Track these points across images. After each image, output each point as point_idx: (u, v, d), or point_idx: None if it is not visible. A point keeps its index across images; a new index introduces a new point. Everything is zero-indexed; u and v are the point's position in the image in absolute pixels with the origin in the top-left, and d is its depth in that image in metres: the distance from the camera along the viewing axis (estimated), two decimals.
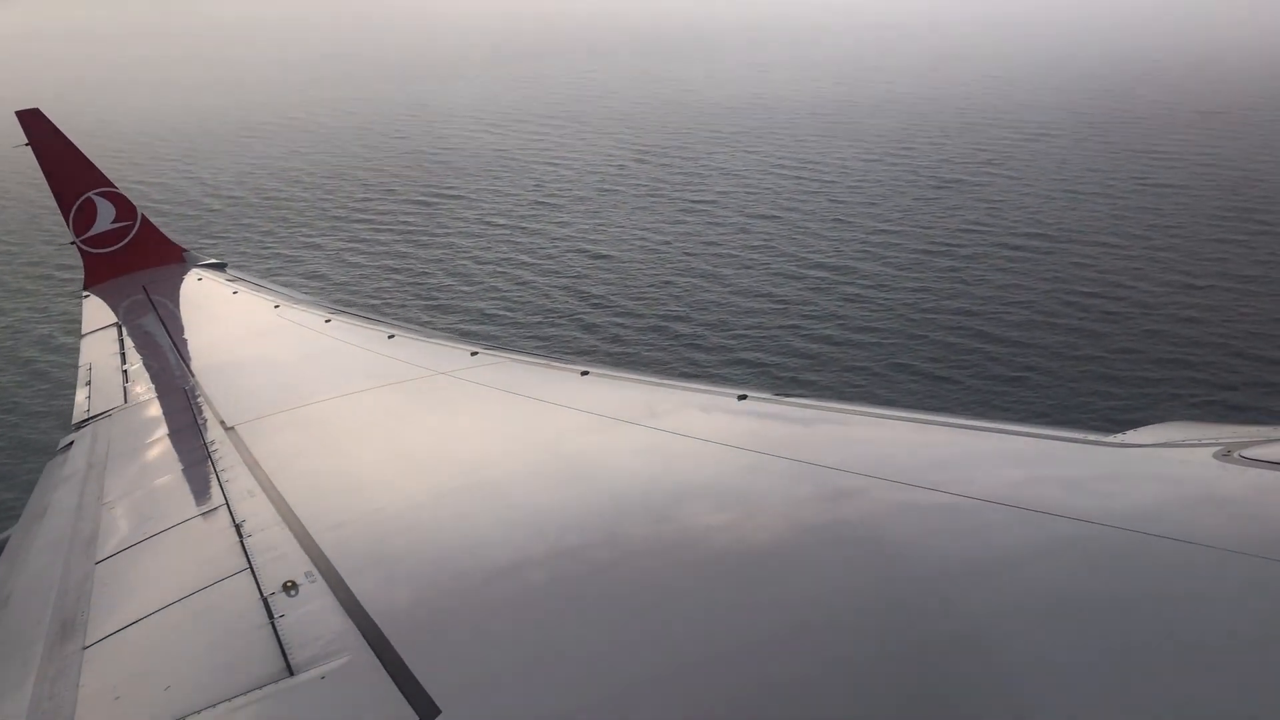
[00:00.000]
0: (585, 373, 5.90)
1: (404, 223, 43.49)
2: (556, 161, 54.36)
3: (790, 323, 30.08)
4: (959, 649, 2.37)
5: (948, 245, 36.51)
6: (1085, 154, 49.95)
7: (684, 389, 5.70)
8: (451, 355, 7.10)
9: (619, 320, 31.12)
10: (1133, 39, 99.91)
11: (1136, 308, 30.02)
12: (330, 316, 9.15)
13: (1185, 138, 52.67)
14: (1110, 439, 3.39)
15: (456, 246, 39.65)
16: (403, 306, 33.23)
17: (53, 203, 13.19)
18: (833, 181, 46.64)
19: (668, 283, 34.26)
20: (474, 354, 6.89)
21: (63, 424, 8.62)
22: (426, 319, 31.83)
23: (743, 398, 4.84)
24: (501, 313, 32.26)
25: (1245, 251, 34.57)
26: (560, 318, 31.63)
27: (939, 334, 28.60)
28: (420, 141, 61.73)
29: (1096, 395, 24.66)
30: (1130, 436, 3.38)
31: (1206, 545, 2.49)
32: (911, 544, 3.03)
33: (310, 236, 42.12)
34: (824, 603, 2.76)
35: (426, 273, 36.77)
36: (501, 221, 43.01)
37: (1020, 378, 25.78)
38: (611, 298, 33.05)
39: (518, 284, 35.00)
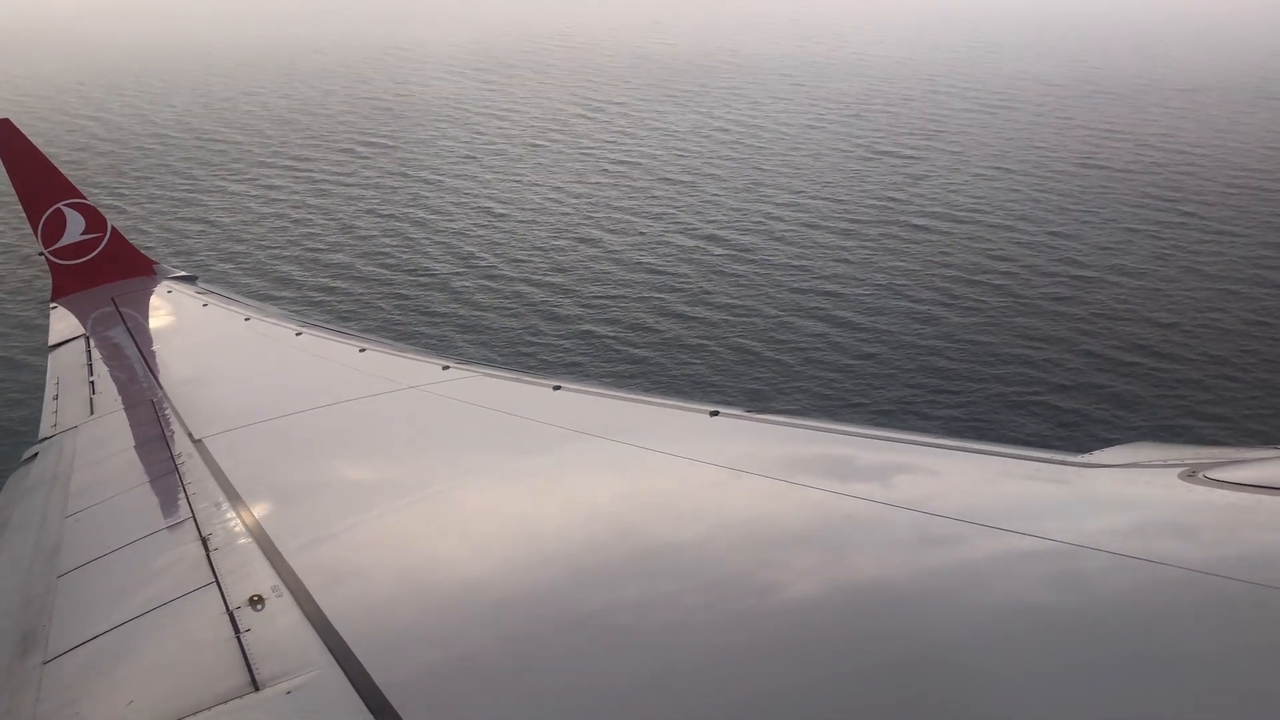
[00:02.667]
0: (557, 387, 5.95)
1: (321, 170, 43.12)
2: (500, 113, 53.61)
3: (649, 294, 29.42)
4: (925, 667, 2.40)
5: (847, 222, 35.49)
6: (1036, 129, 48.32)
7: (655, 404, 5.80)
8: (423, 370, 7.14)
9: (484, 283, 30.62)
10: (1152, 7, 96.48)
11: (1008, 297, 28.99)
12: (301, 330, 9.18)
13: (1148, 116, 50.77)
14: (1077, 458, 3.47)
15: (358, 199, 39.22)
16: (280, 258, 32.96)
17: (18, 211, 12.77)
18: (764, 148, 45.51)
19: (550, 247, 33.66)
20: (445, 368, 6.90)
21: (28, 436, 8.51)
22: (290, 272, 31.54)
23: (715, 414, 4.93)
24: (372, 269, 31.86)
25: (1150, 243, 33.23)
26: (427, 276, 31.20)
27: (791, 316, 27.82)
28: (378, 87, 61.17)
29: (924, 389, 23.87)
30: (1098, 456, 3.46)
31: (1169, 565, 2.54)
32: (879, 561, 3.07)
33: (222, 181, 41.88)
34: (795, 621, 2.78)
35: (314, 222, 36.41)
36: (419, 174, 42.51)
37: (853, 366, 25.01)
38: (486, 260, 32.53)
39: (402, 240, 34.56)
